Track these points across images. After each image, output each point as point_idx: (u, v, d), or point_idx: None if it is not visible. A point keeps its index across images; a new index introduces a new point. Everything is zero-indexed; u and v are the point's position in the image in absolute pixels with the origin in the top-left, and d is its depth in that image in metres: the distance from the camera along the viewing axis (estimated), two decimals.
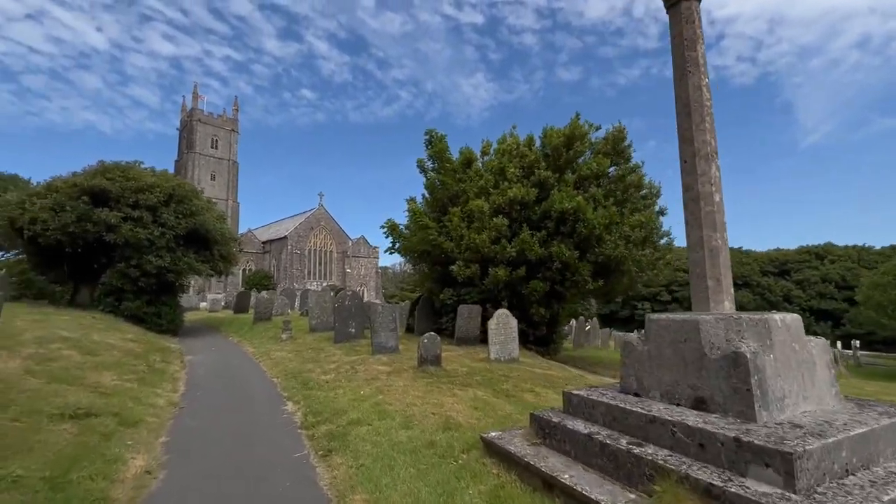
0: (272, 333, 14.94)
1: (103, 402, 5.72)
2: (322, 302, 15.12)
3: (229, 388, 7.83)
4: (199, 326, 20.35)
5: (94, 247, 14.19)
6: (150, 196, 14.61)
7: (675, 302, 65.48)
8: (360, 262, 62.40)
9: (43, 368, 6.54)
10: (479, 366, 8.93)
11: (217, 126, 73.18)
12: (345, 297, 13.03)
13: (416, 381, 7.57)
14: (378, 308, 10.39)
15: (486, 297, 12.68)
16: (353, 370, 8.58)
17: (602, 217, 11.54)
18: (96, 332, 10.00)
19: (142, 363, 8.43)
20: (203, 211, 16.16)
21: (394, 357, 9.69)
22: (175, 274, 15.03)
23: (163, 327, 15.24)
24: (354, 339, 12.78)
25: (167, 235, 14.78)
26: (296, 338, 13.65)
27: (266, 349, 12.19)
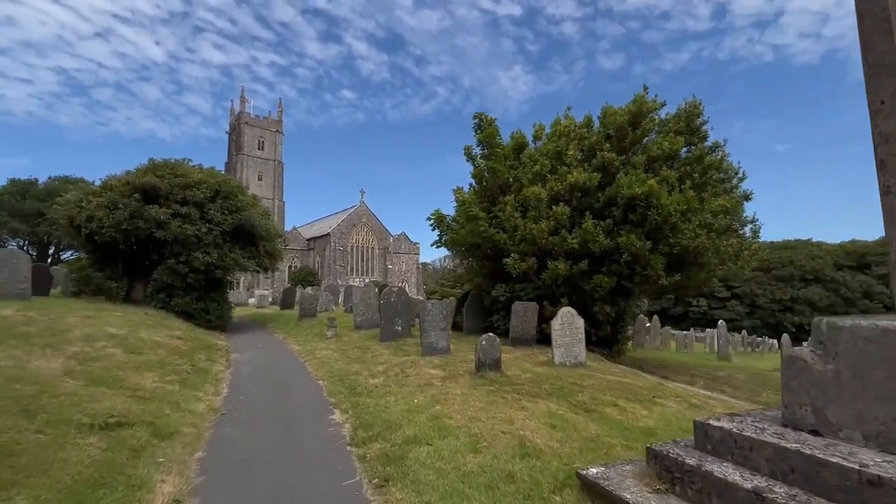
0: (317, 330, 14.57)
1: (140, 408, 5.22)
2: (367, 299, 14.56)
3: (273, 391, 7.27)
4: (247, 322, 20.52)
5: (146, 243, 14.34)
6: (198, 192, 14.60)
7: (735, 298, 60.76)
8: (401, 259, 62.47)
9: (84, 369, 6.19)
10: (542, 371, 7.90)
11: (263, 128, 75.62)
12: (390, 294, 12.34)
13: (475, 388, 6.67)
14: (428, 306, 9.58)
15: (542, 293, 11.58)
16: (403, 374, 7.80)
17: (678, 203, 10.12)
18: (145, 328, 9.84)
19: (186, 362, 8.06)
20: (248, 207, 16.04)
21: (446, 359, 8.84)
22: (222, 270, 14.98)
23: (211, 323, 15.26)
24: (401, 338, 12.08)
25: (214, 232, 14.73)
26: (341, 335, 13.15)
27: (311, 347, 11.73)
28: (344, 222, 58.56)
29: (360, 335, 13.05)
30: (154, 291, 14.59)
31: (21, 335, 7.15)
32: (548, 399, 6.14)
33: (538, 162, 11.85)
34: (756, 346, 32.81)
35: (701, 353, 24.35)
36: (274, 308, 26.66)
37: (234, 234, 15.74)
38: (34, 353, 6.37)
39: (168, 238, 14.01)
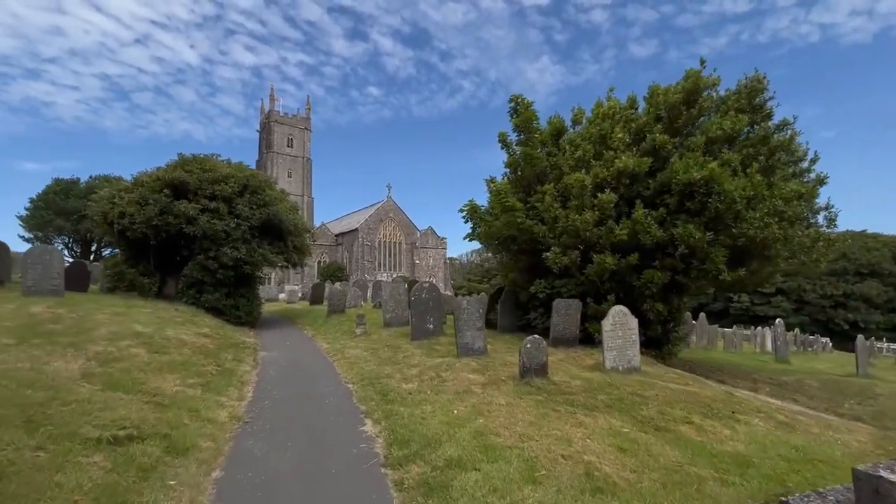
0: (346, 327, 14.16)
1: (156, 416, 4.76)
2: (396, 295, 14.01)
3: (300, 395, 6.75)
4: (277, 318, 20.45)
5: (177, 239, 14.26)
6: (226, 187, 14.40)
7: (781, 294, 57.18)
8: (428, 253, 62.08)
9: (103, 371, 5.83)
10: (593, 377, 7.06)
11: (292, 125, 76.62)
12: (421, 290, 11.72)
13: (520, 397, 5.93)
14: (463, 304, 8.88)
15: (585, 289, 10.67)
16: (438, 378, 7.14)
17: (743, 188, 8.99)
18: (172, 326, 9.59)
19: (211, 363, 7.68)
20: (276, 201, 15.77)
21: (484, 361, 8.13)
22: (250, 266, 14.77)
23: (241, 319, 15.10)
24: (433, 337, 11.45)
25: (242, 227, 14.51)
26: (370, 333, 12.65)
27: (340, 345, 11.27)
28: (371, 217, 58.61)
29: (390, 333, 12.51)
30: (184, 287, 14.53)
31: (46, 333, 6.91)
32: (608, 413, 5.33)
33: (580, 147, 10.89)
34: (809, 345, 30.52)
35: (751, 353, 22.68)
36: (303, 303, 26.68)
37: (262, 229, 15.51)
38: (55, 354, 6.08)
39: (197, 233, 13.87)
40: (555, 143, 12.33)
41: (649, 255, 9.92)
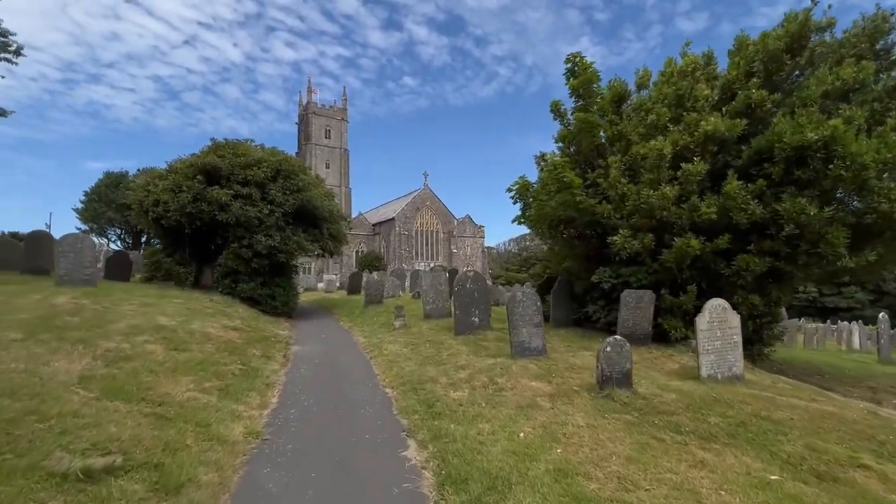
0: (384, 319, 13.23)
1: (153, 435, 3.84)
2: (437, 285, 12.90)
3: (331, 403, 5.75)
4: (314, 308, 19.95)
5: (211, 227, 13.80)
6: (258, 171, 13.73)
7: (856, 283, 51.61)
8: (465, 242, 60.88)
9: (107, 373, 5.04)
10: (689, 389, 5.62)
11: (329, 116, 77.10)
12: (465, 280, 10.53)
13: (603, 416, 4.62)
14: (517, 295, 7.58)
15: (658, 279, 9.08)
16: (493, 384, 5.94)
17: (875, 151, 7.08)
18: (200, 318, 8.92)
19: (235, 361, 6.84)
20: (310, 187, 15.00)
21: (544, 364, 6.85)
22: (285, 254, 14.11)
23: (277, 310, 14.54)
24: (479, 331, 10.27)
25: (276, 213, 13.83)
26: (409, 326, 11.64)
27: (378, 340, 10.30)
28: (408, 206, 57.97)
29: (431, 326, 11.44)
30: (220, 277, 14.10)
31: (58, 327, 6.28)
32: (734, 446, 3.92)
33: (652, 111, 9.20)
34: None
35: (835, 351, 19.97)
36: (341, 293, 26.24)
37: (296, 215, 14.81)
38: (60, 352, 5.36)
39: (230, 221, 13.32)
40: (616, 110, 10.67)
41: (742, 237, 8.21)
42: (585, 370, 6.52)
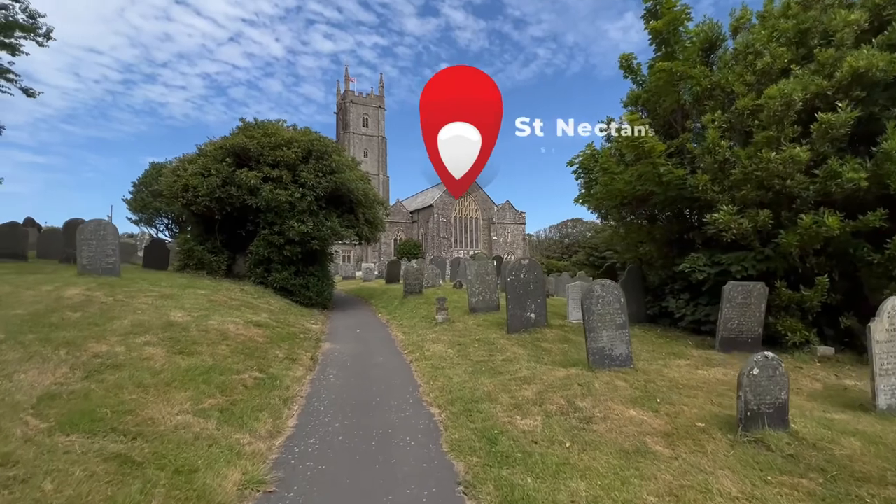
0: (424, 312, 11.95)
1: (102, 498, 2.65)
2: (483, 275, 11.42)
3: (363, 429, 4.45)
4: (351, 297, 19.07)
5: (241, 213, 12.98)
6: (288, 152, 12.69)
7: None
8: (505, 229, 58.86)
9: (82, 389, 3.98)
10: (870, 429, 3.86)
11: (366, 104, 76.72)
12: (519, 269, 8.99)
13: (765, 479, 3.01)
14: (596, 290, 5.93)
15: (771, 267, 7.14)
16: (574, 409, 4.43)
17: None
18: (222, 312, 7.95)
19: (251, 367, 5.71)
20: (344, 168, 13.85)
21: (634, 378, 5.24)
22: (318, 241, 13.08)
23: (311, 300, 13.62)
24: (535, 328, 8.78)
25: (308, 197, 12.79)
26: (453, 321, 10.27)
27: (418, 337, 9.00)
28: (447, 193, 56.51)
29: (478, 321, 10.02)
30: (252, 266, 13.31)
31: (49, 326, 5.37)
32: None
33: (763, 53, 7.16)
34: None
35: None
36: (379, 282, 25.38)
37: (329, 199, 13.74)
38: (35, 358, 4.37)
39: (260, 206, 12.41)
40: (705, 60, 8.65)
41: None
42: (697, 390, 4.87)
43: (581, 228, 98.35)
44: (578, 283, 9.42)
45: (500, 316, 10.57)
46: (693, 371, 5.90)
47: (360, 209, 14.77)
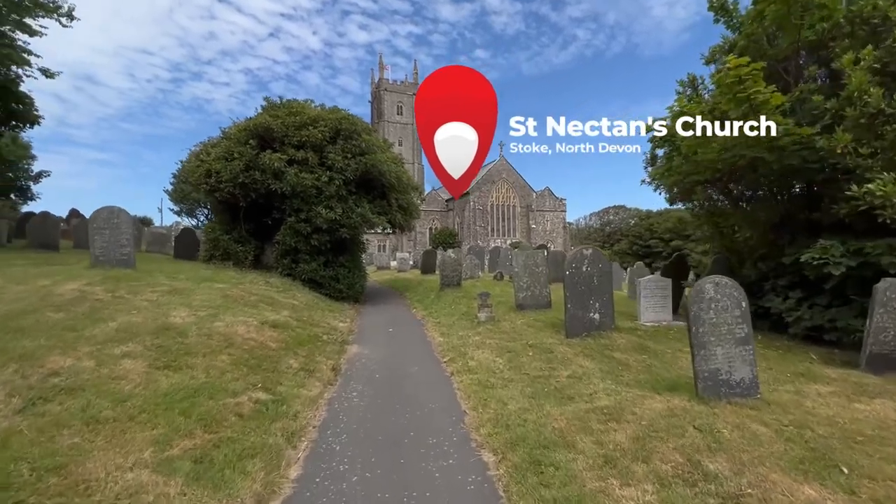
0: (464, 307, 10.62)
1: None
2: (532, 266, 9.91)
3: (389, 492, 3.15)
4: (385, 289, 18.02)
5: (267, 199, 12.06)
6: (314, 132, 11.58)
7: None
8: (544, 217, 56.41)
9: (8, 427, 2.89)
10: None
11: (400, 92, 75.70)
12: (580, 260, 7.42)
13: None
14: (707, 291, 4.29)
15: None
16: (700, 474, 2.93)
17: None
18: (235, 310, 6.93)
19: (255, 384, 4.56)
20: (375, 149, 12.62)
21: (777, 419, 3.64)
22: (348, 229, 11.96)
23: (342, 293, 12.60)
24: (600, 332, 7.28)
25: (336, 181, 11.67)
26: (498, 319, 8.89)
27: (459, 340, 7.66)
28: (483, 179, 54.66)
29: (527, 321, 8.59)
30: (279, 256, 12.42)
31: (16, 330, 4.41)
32: None
33: None
34: None
35: None
36: (414, 272, 24.27)
37: (360, 183, 12.58)
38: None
39: (286, 191, 11.41)
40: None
41: None
42: (882, 444, 3.22)
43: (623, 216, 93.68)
44: (652, 278, 7.77)
45: (553, 315, 9.06)
46: (847, 405, 4.21)
47: (392, 194, 13.55)
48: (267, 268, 12.89)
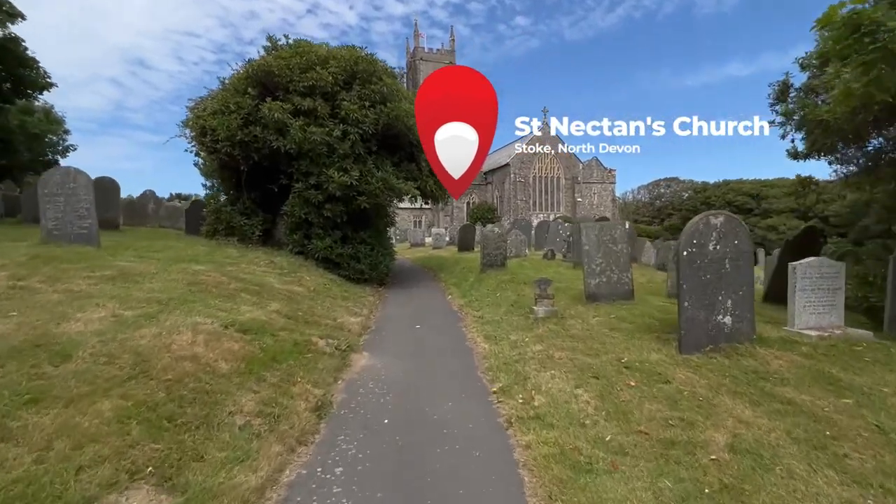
0: (512, 295, 8.25)
1: None
2: (608, 242, 7.31)
3: None
4: (417, 269, 15.85)
5: (272, 162, 9.98)
6: (324, 73, 9.23)
7: None
8: (591, 189, 52.17)
9: None
10: None
11: (436, 61, 71.77)
12: (706, 234, 4.74)
13: None
14: None
15: None
16: None
17: None
18: (192, 306, 4.85)
19: (135, 471, 2.39)
20: (398, 96, 10.16)
21: None
22: (367, 197, 9.67)
23: (363, 275, 10.49)
24: (732, 343, 4.63)
25: (351, 136, 9.35)
26: (563, 315, 6.47)
27: (513, 352, 5.28)
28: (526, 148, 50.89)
29: (604, 318, 6.14)
30: (289, 230, 10.41)
31: None
32: None
33: None
34: None
35: None
36: (451, 249, 21.94)
37: (382, 141, 10.22)
38: None
39: (290, 150, 9.24)
40: None
41: None
42: None
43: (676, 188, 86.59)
44: (814, 262, 4.99)
45: (639, 310, 6.50)
46: None
47: (423, 156, 11.11)
48: (280, 244, 10.95)
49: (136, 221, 15.85)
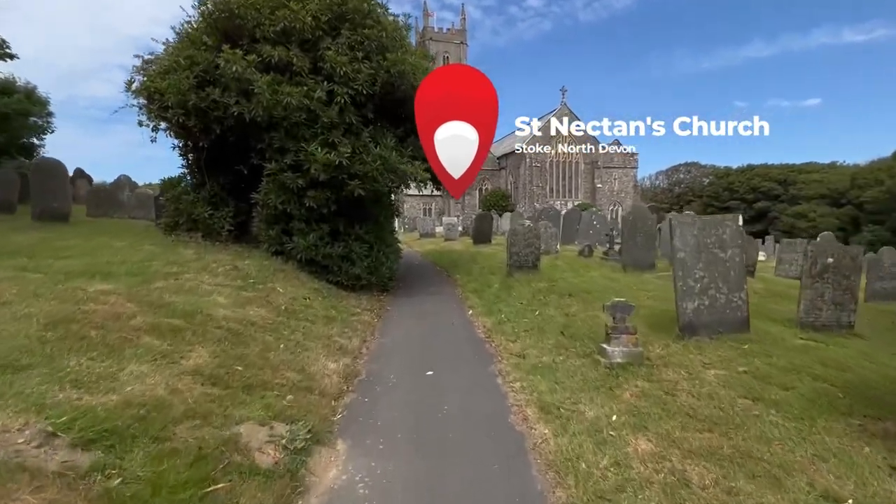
0: (559, 318, 5.92)
1: None
2: (710, 247, 4.91)
3: None
4: (427, 267, 13.51)
5: (241, 136, 7.66)
6: (300, 11, 6.80)
7: None
8: (612, 175, 49.07)
9: None
10: None
11: (447, 41, 68.43)
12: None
13: None
14: None
15: None
16: None
17: None
18: (54, 379, 2.59)
19: None
20: (397, 45, 7.72)
21: None
22: (362, 181, 7.29)
23: (359, 280, 8.20)
24: None
25: (339, 98, 6.96)
26: (652, 360, 4.04)
27: (602, 458, 2.94)
28: (541, 132, 47.84)
29: (731, 375, 3.71)
30: (264, 224, 8.11)
31: None
32: None
33: None
34: None
35: None
36: (465, 241, 19.54)
37: (380, 106, 7.82)
38: None
39: (259, 118, 6.89)
40: None
41: None
42: None
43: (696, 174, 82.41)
44: None
45: (764, 349, 4.13)
46: None
47: None
48: (255, 240, 8.68)
49: (103, 211, 13.73)
